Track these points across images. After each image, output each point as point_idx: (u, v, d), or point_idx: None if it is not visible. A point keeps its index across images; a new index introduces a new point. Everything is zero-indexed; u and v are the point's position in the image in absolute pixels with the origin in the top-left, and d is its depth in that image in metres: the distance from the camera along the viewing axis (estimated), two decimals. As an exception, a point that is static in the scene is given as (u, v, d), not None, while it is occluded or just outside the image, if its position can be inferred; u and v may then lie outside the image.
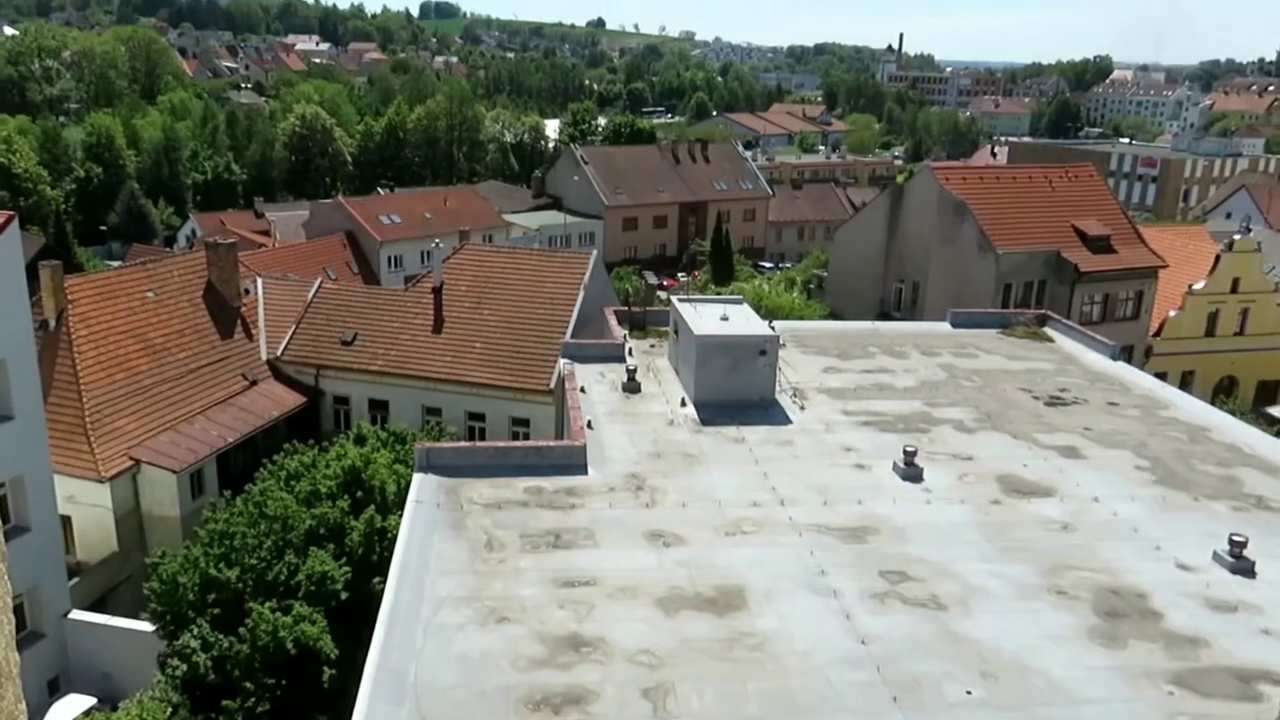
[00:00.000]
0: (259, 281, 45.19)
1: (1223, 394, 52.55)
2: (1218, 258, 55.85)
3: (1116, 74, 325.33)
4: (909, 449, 21.03)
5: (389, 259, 75.13)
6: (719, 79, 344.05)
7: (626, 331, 30.68)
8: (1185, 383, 51.64)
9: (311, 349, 42.29)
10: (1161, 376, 35.83)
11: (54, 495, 29.74)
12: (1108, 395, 27.01)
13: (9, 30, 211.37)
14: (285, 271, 52.63)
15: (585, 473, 20.25)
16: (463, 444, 24.12)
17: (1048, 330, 33.67)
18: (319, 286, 45.34)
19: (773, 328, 26.68)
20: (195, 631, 24.25)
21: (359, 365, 41.38)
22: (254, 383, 40.74)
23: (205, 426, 37.21)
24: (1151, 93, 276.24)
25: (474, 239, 60.64)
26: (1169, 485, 20.95)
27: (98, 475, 33.22)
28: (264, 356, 42.08)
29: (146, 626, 27.07)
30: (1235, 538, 17.37)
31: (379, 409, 40.77)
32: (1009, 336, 33.07)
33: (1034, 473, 21.24)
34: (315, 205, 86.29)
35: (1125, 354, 33.57)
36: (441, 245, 47.00)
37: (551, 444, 22.21)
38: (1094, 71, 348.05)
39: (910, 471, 20.70)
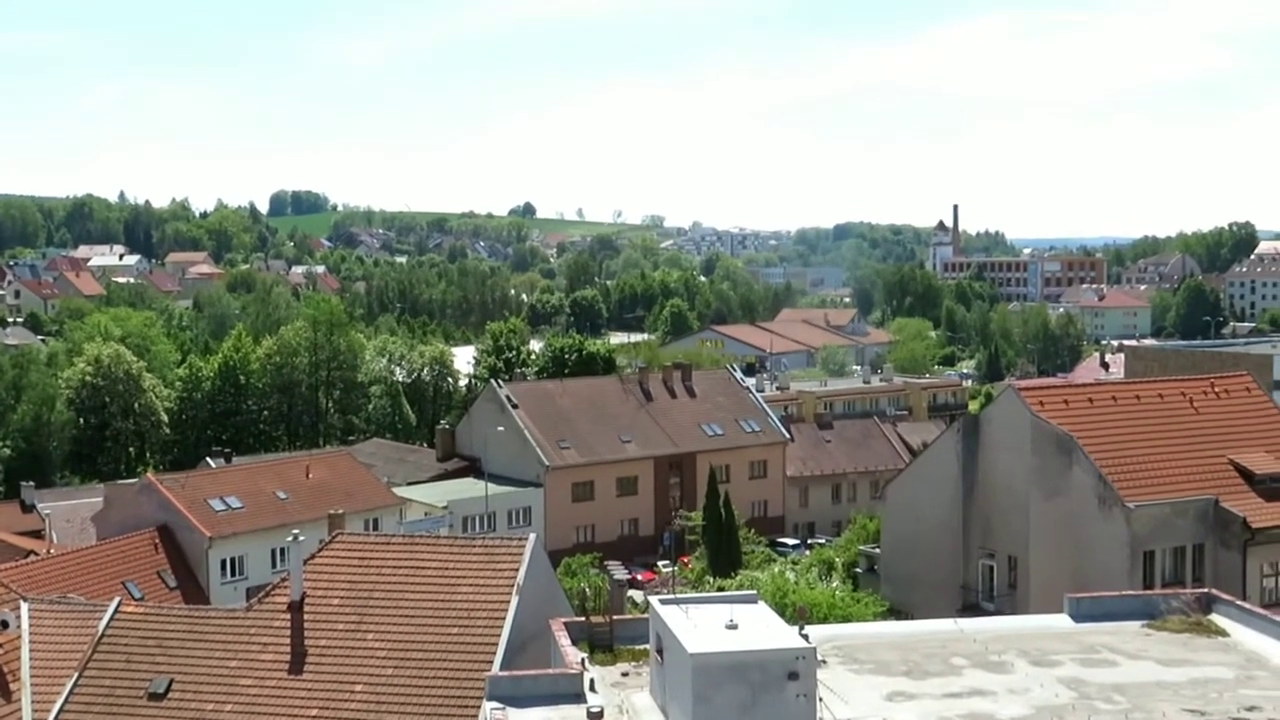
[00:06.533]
0: (23, 609, 44.73)
1: None
2: None
3: (1264, 246, 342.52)
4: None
5: (223, 563, 74.87)
6: (702, 279, 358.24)
7: (585, 655, 30.46)
8: None
9: (103, 708, 41.30)
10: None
11: None
12: (1320, 713, 26.59)
13: None
14: (64, 592, 52.51)
15: None
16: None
17: (1215, 618, 33.52)
18: (115, 611, 44.91)
19: (806, 636, 26.48)
20: None
21: (175, 730, 40.23)
22: (10, 767, 39.41)
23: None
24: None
25: (351, 526, 60.48)
26: None
27: None
28: (27, 724, 40.93)
29: None
30: None
31: (206, 798, 39.40)
32: (1160, 630, 32.93)
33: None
34: (112, 489, 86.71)
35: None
36: (303, 538, 46.92)
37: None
38: (1232, 244, 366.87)
39: None
